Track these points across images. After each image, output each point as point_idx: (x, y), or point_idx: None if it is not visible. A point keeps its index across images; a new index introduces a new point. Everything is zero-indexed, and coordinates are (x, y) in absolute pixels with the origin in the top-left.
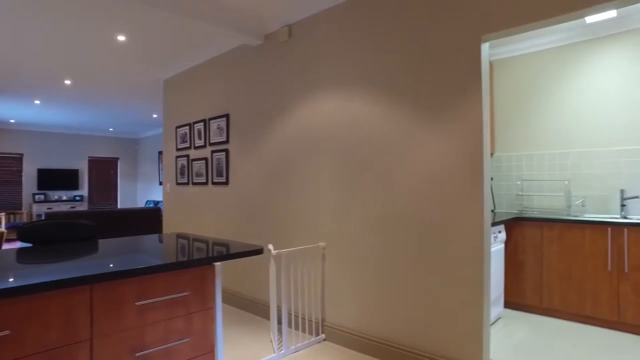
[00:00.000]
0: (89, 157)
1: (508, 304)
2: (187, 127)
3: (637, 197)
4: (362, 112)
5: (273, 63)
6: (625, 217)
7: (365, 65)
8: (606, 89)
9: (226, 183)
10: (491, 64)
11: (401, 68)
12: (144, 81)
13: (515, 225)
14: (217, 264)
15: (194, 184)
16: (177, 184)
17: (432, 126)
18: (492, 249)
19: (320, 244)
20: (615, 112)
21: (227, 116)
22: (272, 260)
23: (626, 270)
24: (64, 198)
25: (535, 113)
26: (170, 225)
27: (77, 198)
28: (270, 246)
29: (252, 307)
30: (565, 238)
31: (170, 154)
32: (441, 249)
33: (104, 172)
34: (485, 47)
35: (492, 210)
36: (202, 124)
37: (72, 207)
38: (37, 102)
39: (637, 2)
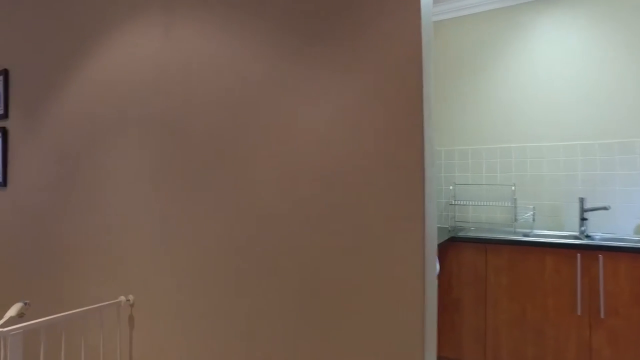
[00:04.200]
0: None
1: None
2: None
3: (605, 208)
4: (197, 54)
5: None
6: (587, 236)
7: None
8: (560, 64)
9: (3, 184)
10: None
11: None
12: None
13: (449, 248)
14: None
15: None
16: None
17: (325, 75)
18: None
19: (122, 298)
20: (570, 96)
21: (5, 73)
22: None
23: (602, 315)
24: None
25: (472, 94)
26: None
27: None
28: (13, 310)
29: None
30: (517, 266)
31: None
32: (345, 309)
33: None
34: None
35: None
36: None
37: None
38: None
39: None
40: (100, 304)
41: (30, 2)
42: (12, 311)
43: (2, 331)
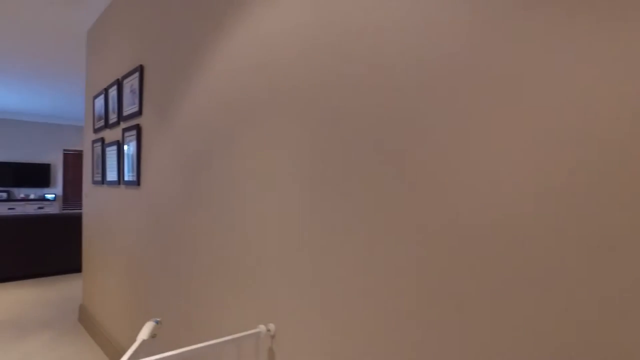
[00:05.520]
0: (64, 150)
1: None
2: (103, 96)
3: None
4: (361, 18)
5: None
6: None
7: None
8: None
9: (137, 183)
10: None
11: None
12: (67, 33)
13: None
14: None
15: (108, 183)
16: (93, 182)
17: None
18: None
19: (262, 327)
20: None
21: (140, 69)
22: None
23: None
24: (32, 197)
25: None
26: (89, 252)
27: (49, 197)
28: (145, 332)
29: None
30: None
31: (88, 139)
32: None
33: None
34: None
35: None
36: (115, 87)
37: (39, 208)
38: None
39: None
40: (238, 335)
41: None
42: (144, 333)
43: None
